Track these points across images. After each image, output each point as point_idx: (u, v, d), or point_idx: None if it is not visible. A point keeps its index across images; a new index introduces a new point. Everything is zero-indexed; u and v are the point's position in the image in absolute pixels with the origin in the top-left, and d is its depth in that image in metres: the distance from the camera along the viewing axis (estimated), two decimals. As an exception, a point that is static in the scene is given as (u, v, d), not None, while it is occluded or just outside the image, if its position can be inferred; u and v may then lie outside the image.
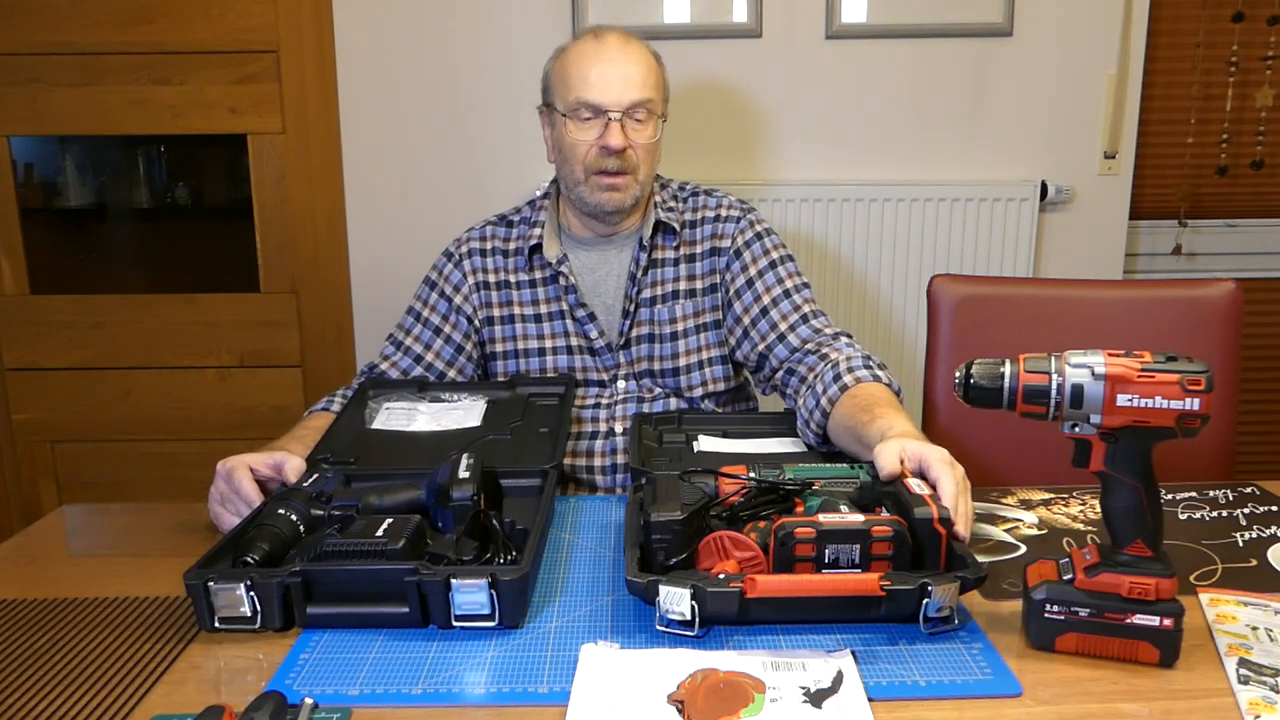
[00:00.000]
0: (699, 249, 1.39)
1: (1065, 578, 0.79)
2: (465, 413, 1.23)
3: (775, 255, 1.38)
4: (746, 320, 1.35)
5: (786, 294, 1.34)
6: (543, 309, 1.40)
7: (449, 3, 2.07)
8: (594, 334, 1.38)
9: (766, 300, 1.34)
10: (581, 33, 1.36)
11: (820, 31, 2.07)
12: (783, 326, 1.32)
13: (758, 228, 1.40)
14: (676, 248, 1.39)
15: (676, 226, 1.39)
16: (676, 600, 0.78)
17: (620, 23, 2.01)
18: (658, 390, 1.39)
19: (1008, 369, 0.76)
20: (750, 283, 1.36)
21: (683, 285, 1.39)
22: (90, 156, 2.37)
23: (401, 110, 2.12)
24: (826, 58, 2.08)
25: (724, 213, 1.41)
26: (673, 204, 1.42)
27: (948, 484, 0.88)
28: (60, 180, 2.34)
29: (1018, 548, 1.00)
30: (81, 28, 2.04)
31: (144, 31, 2.04)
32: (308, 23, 2.06)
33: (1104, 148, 2.12)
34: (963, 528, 0.86)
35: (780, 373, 1.32)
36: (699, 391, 1.38)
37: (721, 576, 0.80)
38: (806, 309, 1.34)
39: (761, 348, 1.33)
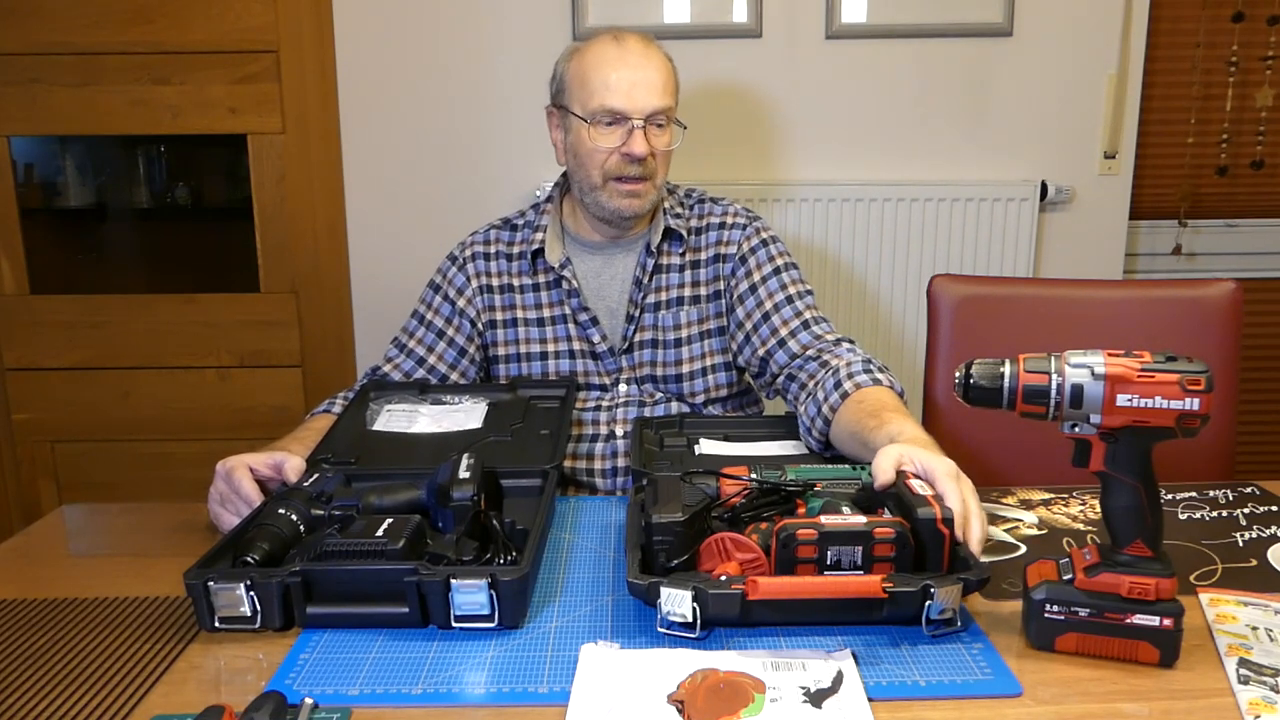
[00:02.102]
0: (703, 255, 1.39)
1: (1065, 578, 0.79)
2: (466, 415, 1.23)
3: (780, 262, 1.38)
4: (748, 325, 1.35)
5: (789, 300, 1.34)
6: (545, 313, 1.40)
7: (449, 3, 2.07)
8: (596, 338, 1.37)
9: (769, 305, 1.34)
10: (599, 34, 1.34)
11: (820, 31, 2.07)
12: (783, 332, 1.32)
13: (763, 234, 1.40)
14: (682, 254, 1.39)
15: (684, 234, 1.38)
16: (678, 602, 0.78)
17: (620, 23, 2.01)
18: (659, 395, 1.38)
19: (1008, 369, 0.76)
20: (753, 288, 1.36)
21: (687, 292, 1.38)
22: (90, 156, 2.37)
23: (401, 110, 2.12)
24: (826, 58, 2.08)
25: (729, 220, 1.40)
26: (680, 210, 1.41)
27: (954, 502, 0.85)
28: (60, 180, 2.34)
29: (1018, 548, 1.00)
30: (81, 28, 2.04)
31: (144, 31, 2.04)
32: (308, 23, 2.06)
33: (1104, 148, 2.12)
34: (976, 546, 0.85)
35: (781, 378, 1.32)
36: (701, 398, 1.38)
37: (723, 578, 0.80)
38: (808, 315, 1.33)
39: (762, 353, 1.33)
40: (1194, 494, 1.16)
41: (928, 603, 0.78)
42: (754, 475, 0.96)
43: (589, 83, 1.29)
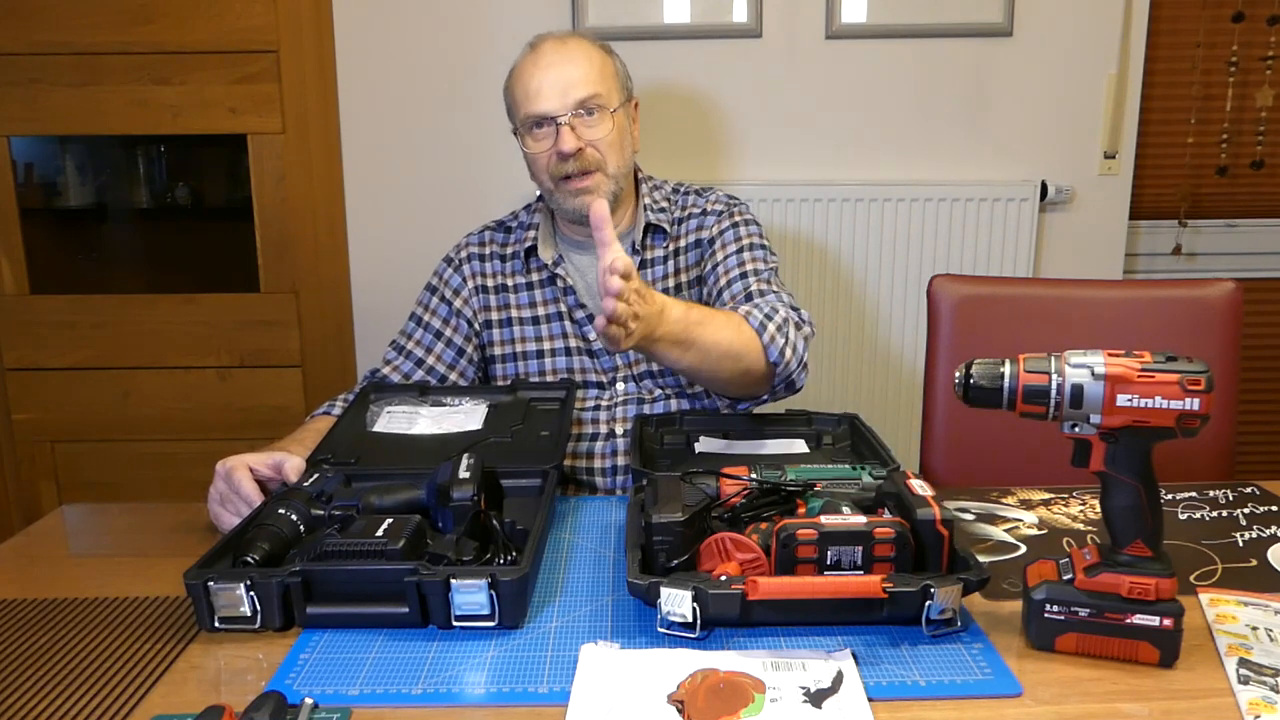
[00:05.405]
0: (683, 242, 1.40)
1: (1065, 578, 0.79)
2: (466, 416, 1.23)
3: (745, 242, 1.38)
4: (708, 303, 1.36)
5: (743, 276, 1.34)
6: (540, 310, 1.40)
7: (449, 3, 2.07)
8: (592, 335, 1.38)
9: (723, 282, 1.35)
10: (524, 48, 1.36)
11: (820, 31, 2.07)
12: (730, 306, 1.31)
13: (736, 218, 1.40)
14: (666, 246, 1.40)
15: (667, 227, 1.39)
16: (678, 602, 0.78)
17: (619, 23, 2.02)
18: (658, 392, 1.39)
19: (1008, 369, 0.76)
20: (714, 267, 1.37)
21: (672, 281, 1.39)
22: (90, 156, 2.37)
23: (402, 111, 2.12)
24: (826, 58, 2.08)
25: (709, 207, 1.42)
26: (664, 204, 1.42)
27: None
28: (60, 180, 2.34)
29: (1018, 548, 1.00)
30: (81, 28, 2.04)
31: (144, 31, 2.04)
32: (308, 23, 2.06)
33: (1104, 148, 2.12)
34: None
35: None
36: (699, 387, 1.38)
37: (723, 578, 0.80)
38: (755, 287, 1.32)
39: None
40: (1194, 494, 1.16)
41: (928, 603, 0.78)
42: (754, 475, 0.97)
43: (516, 97, 1.33)
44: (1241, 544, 1.01)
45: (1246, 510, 1.10)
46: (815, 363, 2.13)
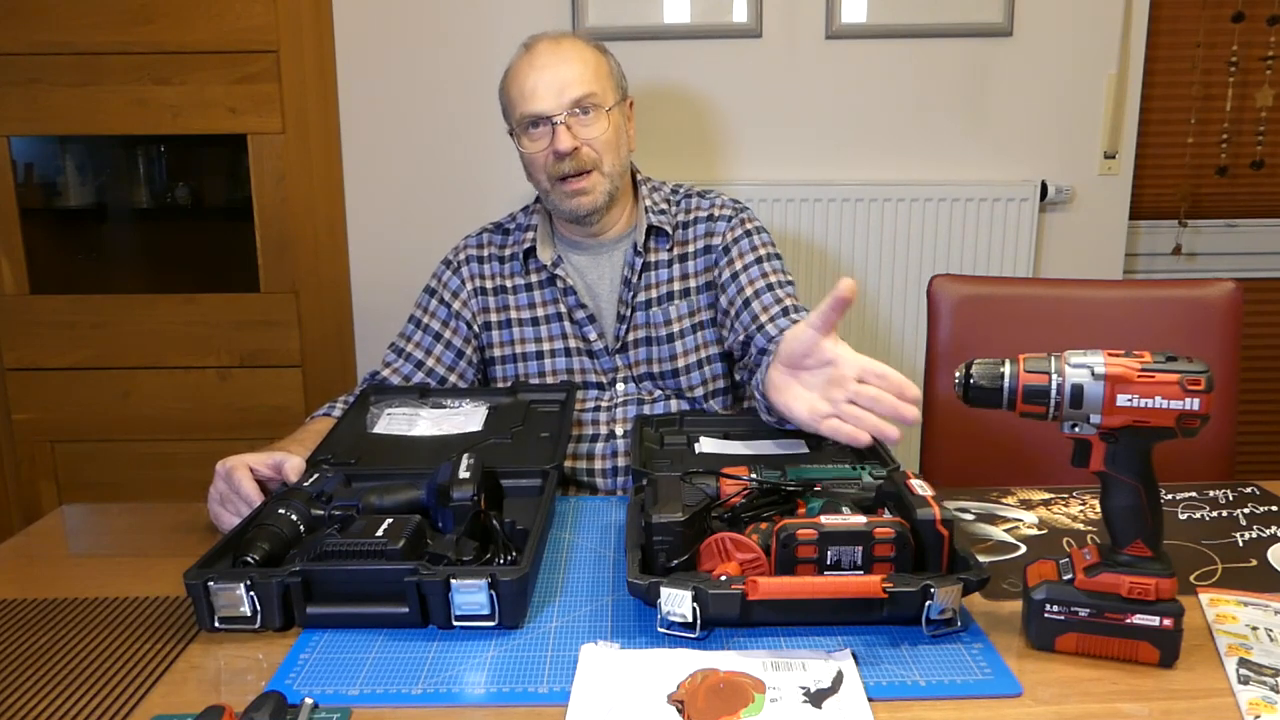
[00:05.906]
0: (691, 248, 1.40)
1: (1065, 578, 0.79)
2: (466, 418, 1.23)
3: (763, 251, 1.38)
4: (732, 312, 1.35)
5: (769, 287, 1.34)
6: (539, 312, 1.40)
7: (449, 3, 2.07)
8: (593, 336, 1.38)
9: (749, 292, 1.34)
10: (518, 48, 1.37)
11: (820, 31, 2.07)
12: (763, 318, 1.31)
13: (748, 225, 1.41)
14: (670, 249, 1.40)
15: (669, 229, 1.39)
16: (678, 602, 0.78)
17: (619, 23, 2.03)
18: (658, 393, 1.39)
19: (1008, 369, 0.76)
20: (735, 276, 1.36)
21: (676, 285, 1.39)
22: (90, 156, 2.36)
23: (401, 111, 2.12)
24: (826, 58, 2.08)
25: (717, 212, 1.41)
26: (665, 206, 1.42)
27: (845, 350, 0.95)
28: (60, 180, 2.34)
29: (1018, 548, 1.00)
30: (81, 28, 2.04)
31: (144, 31, 2.04)
32: (308, 23, 2.06)
33: (1104, 148, 2.12)
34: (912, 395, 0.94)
35: (752, 356, 1.32)
36: (700, 391, 1.38)
37: (723, 578, 0.80)
38: (788, 302, 1.33)
39: (743, 337, 1.33)
40: (1194, 494, 1.16)
41: (928, 603, 0.78)
42: (754, 475, 0.97)
43: (511, 97, 1.34)
44: (1241, 544, 1.01)
45: (1246, 510, 1.10)
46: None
